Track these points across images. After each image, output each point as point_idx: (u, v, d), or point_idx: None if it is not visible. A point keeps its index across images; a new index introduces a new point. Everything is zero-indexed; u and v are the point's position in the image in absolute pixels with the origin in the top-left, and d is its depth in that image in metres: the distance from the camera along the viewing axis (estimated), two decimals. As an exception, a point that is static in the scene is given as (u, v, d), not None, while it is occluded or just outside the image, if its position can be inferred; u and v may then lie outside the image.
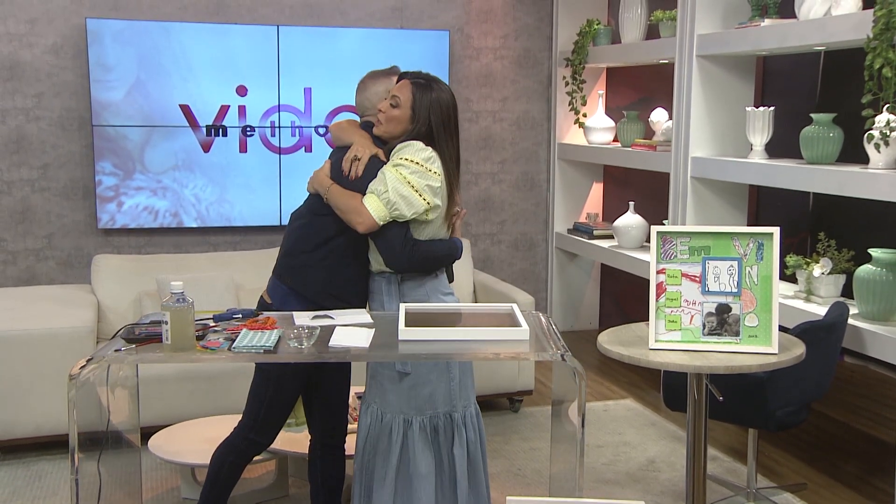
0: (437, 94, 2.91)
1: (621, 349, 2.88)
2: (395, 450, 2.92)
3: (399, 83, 2.96)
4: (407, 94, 2.90)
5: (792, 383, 3.41)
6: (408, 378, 2.92)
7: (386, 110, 2.92)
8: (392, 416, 2.94)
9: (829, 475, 4.03)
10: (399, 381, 2.93)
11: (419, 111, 2.90)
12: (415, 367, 2.92)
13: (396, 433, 2.93)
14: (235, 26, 5.61)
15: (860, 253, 3.85)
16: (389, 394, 2.95)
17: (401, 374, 2.92)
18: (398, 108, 2.91)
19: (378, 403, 2.98)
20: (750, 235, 2.88)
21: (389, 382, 2.94)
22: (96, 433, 2.72)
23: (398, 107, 2.91)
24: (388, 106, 2.92)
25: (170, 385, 4.24)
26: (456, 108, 2.96)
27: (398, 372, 2.92)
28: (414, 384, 2.92)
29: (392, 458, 2.92)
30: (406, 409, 2.93)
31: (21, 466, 4.07)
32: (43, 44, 5.37)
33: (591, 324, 6.57)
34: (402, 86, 2.93)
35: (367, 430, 2.99)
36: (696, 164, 4.69)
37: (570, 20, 6.16)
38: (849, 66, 4.19)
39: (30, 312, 4.32)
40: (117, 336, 2.63)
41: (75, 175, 5.52)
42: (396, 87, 2.95)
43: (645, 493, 3.83)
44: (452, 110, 2.94)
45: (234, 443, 3.09)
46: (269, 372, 3.01)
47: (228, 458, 3.09)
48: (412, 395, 2.92)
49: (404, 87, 2.92)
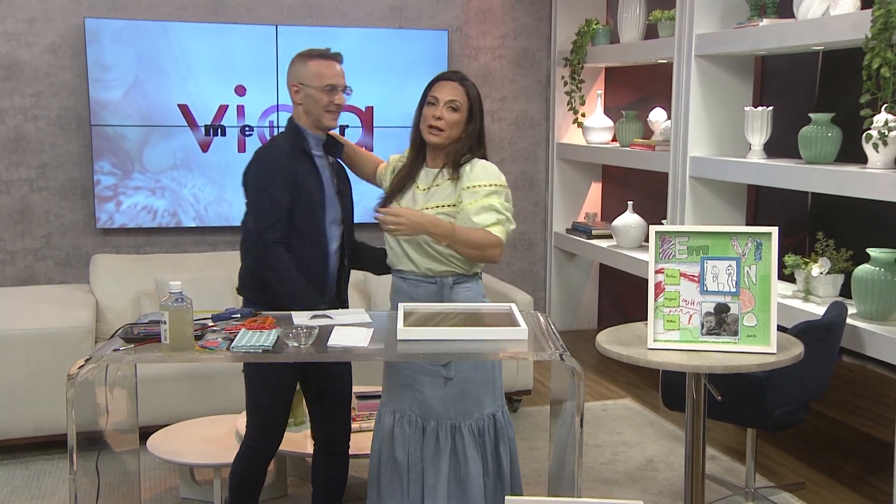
0: (477, 91, 2.96)
1: (620, 349, 2.88)
2: (445, 457, 2.89)
3: (446, 85, 2.90)
4: (463, 96, 2.88)
5: (790, 383, 3.41)
6: (452, 383, 2.89)
7: (445, 116, 2.87)
8: (437, 424, 2.90)
9: (828, 475, 4.03)
10: (443, 387, 2.89)
11: (475, 111, 2.91)
12: (459, 372, 2.89)
13: (445, 440, 2.89)
14: (234, 26, 5.61)
15: (859, 253, 3.85)
16: (432, 401, 2.90)
17: (445, 380, 2.89)
18: (458, 111, 2.88)
19: (416, 412, 2.92)
20: (748, 235, 2.88)
21: (431, 389, 2.90)
22: (95, 433, 2.72)
23: (458, 110, 2.88)
24: (447, 111, 2.87)
25: (168, 385, 4.24)
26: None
27: (443, 378, 2.89)
28: (461, 389, 2.90)
29: (442, 465, 2.89)
30: (454, 414, 2.90)
31: (19, 466, 4.07)
32: (41, 43, 5.37)
33: (590, 323, 6.57)
34: (452, 88, 2.89)
35: (390, 437, 2.94)
36: (695, 164, 4.69)
37: (569, 20, 6.16)
38: (847, 65, 4.19)
39: (28, 312, 4.32)
40: (116, 336, 2.62)
41: (74, 175, 5.51)
42: (448, 91, 2.89)
43: (643, 493, 3.83)
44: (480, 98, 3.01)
45: (240, 452, 3.10)
46: (251, 377, 3.01)
47: (237, 468, 3.11)
48: (460, 399, 2.90)
49: (457, 89, 2.89)
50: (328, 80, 2.92)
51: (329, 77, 2.93)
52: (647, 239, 5.12)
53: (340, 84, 2.96)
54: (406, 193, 2.96)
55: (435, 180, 2.93)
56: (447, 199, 2.88)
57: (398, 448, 2.94)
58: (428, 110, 2.90)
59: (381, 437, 3.00)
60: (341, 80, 2.97)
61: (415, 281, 2.94)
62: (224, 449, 3.53)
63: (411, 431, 2.92)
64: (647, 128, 5.54)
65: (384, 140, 5.86)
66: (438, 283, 2.91)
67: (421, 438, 2.91)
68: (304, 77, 2.94)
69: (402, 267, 2.96)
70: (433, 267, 2.91)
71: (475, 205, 2.83)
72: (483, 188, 2.85)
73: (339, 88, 2.95)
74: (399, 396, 2.97)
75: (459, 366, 2.90)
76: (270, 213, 2.86)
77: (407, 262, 2.94)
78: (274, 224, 2.85)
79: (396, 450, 2.94)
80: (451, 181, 2.89)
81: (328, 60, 2.95)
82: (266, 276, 2.87)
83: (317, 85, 2.92)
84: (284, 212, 2.86)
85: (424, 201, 2.91)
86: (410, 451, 2.92)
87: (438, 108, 2.87)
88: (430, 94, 2.92)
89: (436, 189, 2.91)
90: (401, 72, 5.90)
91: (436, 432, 2.90)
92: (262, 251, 2.85)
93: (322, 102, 2.92)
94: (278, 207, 2.85)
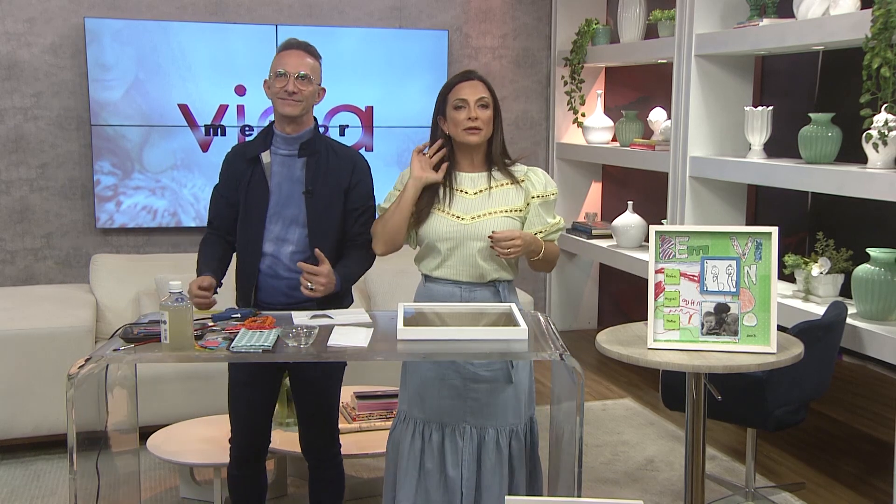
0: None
1: (620, 349, 2.88)
2: (504, 461, 2.87)
3: (469, 85, 2.85)
4: (488, 92, 2.86)
5: (790, 383, 3.41)
6: (512, 387, 2.87)
7: (480, 115, 2.83)
8: (496, 432, 2.87)
9: (828, 474, 4.03)
10: (503, 392, 2.87)
11: (497, 105, 2.90)
12: (515, 374, 2.86)
13: (504, 446, 2.87)
14: (234, 26, 5.61)
15: (858, 252, 3.85)
16: (495, 408, 2.86)
17: (506, 385, 2.87)
18: (489, 107, 2.85)
19: (471, 420, 2.86)
20: (748, 235, 2.87)
21: (491, 396, 2.86)
22: (95, 433, 2.72)
23: (488, 106, 2.85)
24: (479, 109, 2.83)
25: (168, 385, 4.24)
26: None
27: (503, 383, 2.86)
28: (520, 391, 2.88)
29: (504, 471, 2.87)
30: (513, 419, 2.88)
31: (19, 466, 4.07)
32: (41, 43, 5.37)
33: (590, 323, 6.57)
34: (476, 87, 2.85)
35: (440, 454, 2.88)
36: (695, 164, 4.69)
37: (569, 20, 6.16)
38: (847, 65, 4.19)
39: (28, 312, 4.31)
40: (116, 335, 2.62)
41: (74, 174, 5.51)
42: (473, 90, 2.84)
43: (643, 493, 3.83)
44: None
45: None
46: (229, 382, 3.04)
47: (230, 473, 3.14)
48: (519, 402, 2.88)
49: (479, 87, 2.85)
50: (280, 66, 2.90)
51: (282, 64, 2.90)
52: (647, 239, 5.11)
53: (293, 71, 2.88)
54: (453, 200, 2.89)
55: (489, 183, 2.89)
56: (513, 203, 2.87)
57: (449, 464, 2.86)
58: (458, 114, 2.84)
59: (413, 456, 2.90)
60: (297, 67, 2.89)
61: (470, 286, 2.90)
62: (224, 449, 3.51)
63: (465, 444, 2.86)
64: (647, 128, 5.54)
65: (384, 140, 5.86)
66: (497, 287, 2.91)
67: (477, 449, 2.86)
68: (270, 70, 2.96)
69: (461, 279, 2.90)
70: (503, 275, 2.90)
71: (549, 216, 2.92)
72: (552, 198, 2.93)
73: (289, 75, 2.88)
74: (449, 409, 2.88)
75: (516, 369, 2.87)
76: (210, 213, 3.13)
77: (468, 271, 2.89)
78: (209, 222, 3.13)
79: (448, 466, 2.87)
80: (514, 185, 2.88)
81: (290, 49, 2.94)
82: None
83: (272, 73, 2.92)
84: (220, 213, 3.08)
85: (486, 206, 2.86)
86: (465, 464, 2.86)
87: (471, 109, 2.83)
88: (453, 98, 2.85)
89: (498, 192, 2.88)
90: (401, 72, 5.90)
91: (495, 440, 2.87)
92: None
93: (273, 89, 2.92)
94: (215, 208, 3.10)
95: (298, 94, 2.88)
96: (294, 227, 2.95)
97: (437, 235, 2.86)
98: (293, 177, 2.97)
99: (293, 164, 2.97)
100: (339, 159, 3.00)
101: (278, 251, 2.94)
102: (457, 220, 2.85)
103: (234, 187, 3.01)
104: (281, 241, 2.94)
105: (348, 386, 4.18)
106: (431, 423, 2.89)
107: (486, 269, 2.87)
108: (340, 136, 5.77)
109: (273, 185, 2.96)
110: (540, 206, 2.89)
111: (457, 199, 2.88)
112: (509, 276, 2.93)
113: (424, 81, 5.95)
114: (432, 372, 2.88)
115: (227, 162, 3.08)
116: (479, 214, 2.85)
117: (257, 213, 2.95)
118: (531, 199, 2.88)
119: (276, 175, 2.96)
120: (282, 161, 2.97)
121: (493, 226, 2.83)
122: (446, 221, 2.86)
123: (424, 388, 2.90)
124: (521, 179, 2.89)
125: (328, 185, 2.97)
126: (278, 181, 2.96)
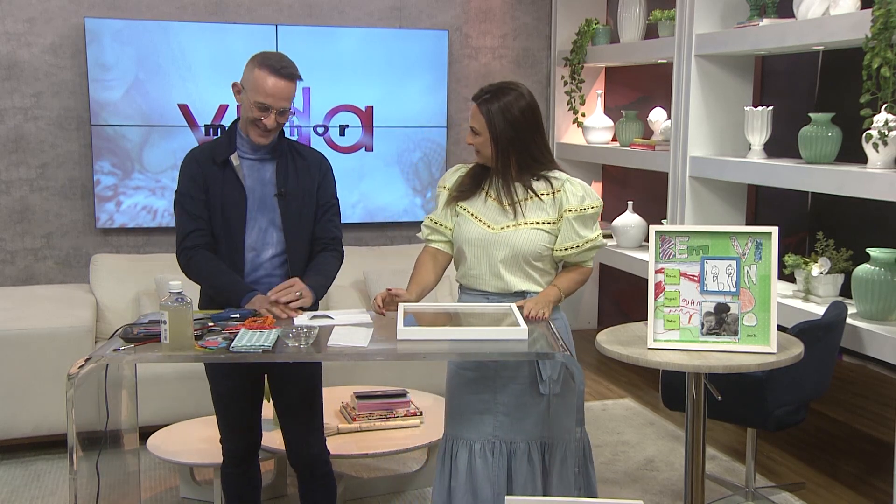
0: (503, 102, 2.81)
1: (620, 349, 2.88)
2: (538, 473, 2.85)
3: (473, 109, 2.86)
4: (480, 119, 2.82)
5: (790, 383, 3.41)
6: (545, 399, 2.84)
7: (472, 140, 2.85)
8: (527, 445, 2.85)
9: (828, 474, 4.03)
10: (538, 406, 2.85)
11: (498, 129, 2.80)
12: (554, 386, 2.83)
13: (538, 461, 2.85)
14: (234, 26, 5.61)
15: (858, 252, 3.85)
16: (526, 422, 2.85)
17: (543, 397, 2.84)
18: (479, 134, 2.83)
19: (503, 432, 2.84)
20: (748, 235, 2.88)
21: (522, 410, 2.84)
22: (95, 433, 2.72)
23: (479, 134, 2.83)
24: (471, 135, 2.85)
25: (168, 385, 4.24)
26: (532, 108, 2.84)
27: (541, 395, 2.84)
28: (560, 405, 2.84)
29: (538, 482, 2.85)
30: (546, 433, 2.85)
31: (19, 466, 4.07)
32: (41, 43, 5.37)
33: (590, 323, 6.57)
34: (473, 111, 2.85)
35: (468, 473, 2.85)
36: (695, 164, 4.69)
37: (569, 20, 6.16)
38: (847, 65, 4.19)
39: (28, 312, 4.32)
40: (116, 335, 2.62)
41: (74, 174, 5.51)
42: (472, 115, 2.86)
43: (643, 493, 3.83)
44: (529, 112, 2.83)
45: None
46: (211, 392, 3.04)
47: (224, 471, 3.14)
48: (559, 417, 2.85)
49: (475, 113, 2.84)
50: (263, 96, 2.76)
51: (265, 94, 2.76)
52: (647, 239, 5.12)
53: (277, 105, 2.78)
54: (487, 207, 2.88)
55: (523, 195, 2.86)
56: (546, 216, 2.84)
57: (480, 483, 2.84)
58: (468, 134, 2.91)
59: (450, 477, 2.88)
60: (281, 101, 2.79)
61: (498, 297, 2.88)
62: (224, 449, 3.53)
63: (495, 460, 2.85)
64: (647, 128, 5.54)
65: (384, 140, 5.86)
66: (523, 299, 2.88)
67: (507, 465, 2.84)
68: (246, 81, 2.83)
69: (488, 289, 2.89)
70: (532, 287, 2.88)
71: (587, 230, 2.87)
72: (590, 211, 2.86)
73: (272, 109, 2.78)
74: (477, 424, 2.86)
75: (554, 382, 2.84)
76: (186, 223, 2.88)
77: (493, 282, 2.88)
78: (189, 234, 2.88)
79: (479, 485, 2.84)
80: (549, 196, 2.85)
81: (276, 77, 2.78)
82: (195, 281, 2.93)
83: (251, 96, 2.78)
84: (200, 219, 2.87)
85: (516, 217, 2.84)
86: (495, 481, 2.84)
87: (469, 133, 2.88)
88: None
89: (530, 204, 2.85)
90: (401, 72, 5.90)
91: (527, 454, 2.85)
92: (182, 262, 2.90)
93: (250, 115, 2.82)
94: (192, 217, 2.87)
95: (276, 128, 2.85)
96: (271, 229, 2.92)
97: (464, 239, 2.88)
98: (264, 179, 2.92)
99: (262, 168, 2.92)
100: (305, 160, 2.97)
101: (257, 257, 2.92)
102: (486, 227, 2.86)
103: (206, 189, 2.87)
104: (261, 245, 2.92)
105: (348, 386, 4.19)
106: (460, 440, 2.89)
107: (512, 281, 2.85)
108: (340, 136, 5.77)
109: (247, 187, 2.90)
110: (574, 220, 2.83)
111: (490, 206, 2.88)
112: (538, 289, 2.88)
113: (424, 81, 5.95)
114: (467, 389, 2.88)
115: (192, 164, 2.90)
116: (508, 225, 2.84)
117: (237, 216, 2.88)
118: (565, 212, 2.83)
119: (248, 178, 2.91)
120: (251, 164, 2.91)
121: (521, 237, 2.82)
122: (475, 227, 2.87)
123: (458, 403, 2.90)
124: (557, 190, 2.86)
125: (300, 187, 2.94)
126: (251, 184, 2.91)
